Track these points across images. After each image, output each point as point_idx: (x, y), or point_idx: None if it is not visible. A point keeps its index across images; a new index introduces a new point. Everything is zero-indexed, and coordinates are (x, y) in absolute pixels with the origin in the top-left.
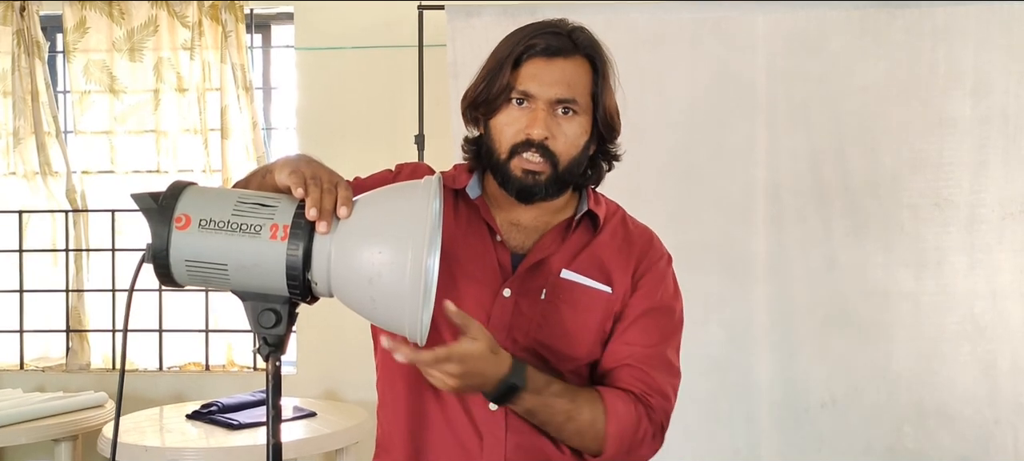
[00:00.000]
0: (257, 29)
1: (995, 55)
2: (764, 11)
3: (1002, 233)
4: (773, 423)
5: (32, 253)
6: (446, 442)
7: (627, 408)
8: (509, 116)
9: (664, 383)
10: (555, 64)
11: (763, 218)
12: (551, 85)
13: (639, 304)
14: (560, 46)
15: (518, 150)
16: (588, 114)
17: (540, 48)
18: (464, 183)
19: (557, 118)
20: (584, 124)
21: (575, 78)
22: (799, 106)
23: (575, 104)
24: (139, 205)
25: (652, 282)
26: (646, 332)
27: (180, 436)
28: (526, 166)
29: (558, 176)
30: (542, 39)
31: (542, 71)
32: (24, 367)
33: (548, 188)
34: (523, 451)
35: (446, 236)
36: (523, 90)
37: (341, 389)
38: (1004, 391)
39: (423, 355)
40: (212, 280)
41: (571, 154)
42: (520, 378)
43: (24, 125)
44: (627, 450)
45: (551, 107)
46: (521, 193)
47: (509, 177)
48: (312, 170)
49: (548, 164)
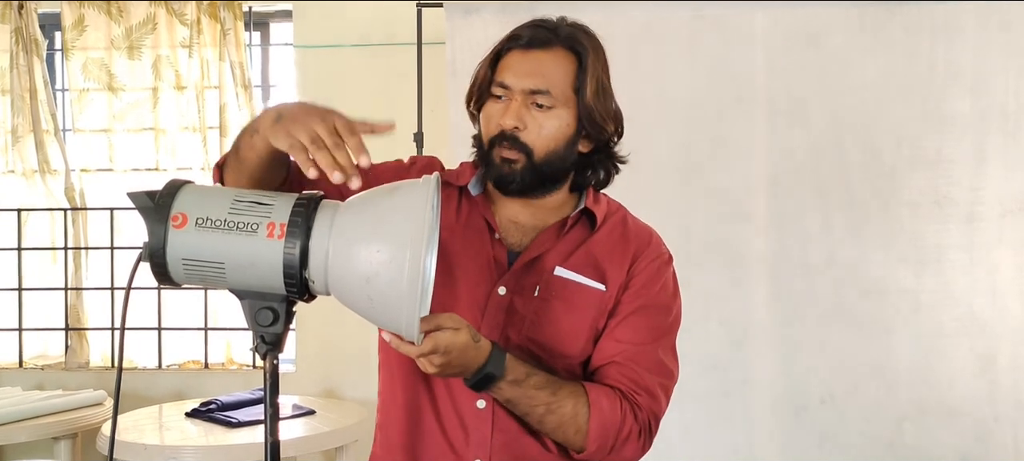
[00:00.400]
0: (256, 27)
1: (994, 52)
2: (763, 8)
3: (1002, 230)
4: (773, 420)
5: (31, 251)
6: (436, 437)
7: (611, 404)
8: (491, 109)
9: (652, 383)
10: (530, 56)
11: (762, 215)
12: (524, 76)
13: (631, 301)
14: (539, 38)
15: (495, 141)
16: (569, 107)
17: (521, 41)
18: (467, 180)
19: (531, 110)
20: (563, 117)
21: (551, 70)
22: (798, 103)
23: (548, 96)
24: (136, 204)
25: (646, 279)
26: (636, 330)
27: (179, 434)
28: (503, 154)
29: (534, 166)
30: (526, 32)
31: (517, 63)
32: (23, 365)
33: (523, 177)
34: (508, 450)
35: (445, 232)
36: (499, 82)
37: (340, 387)
38: (1004, 388)
39: (407, 348)
40: (209, 279)
41: (548, 147)
42: (498, 368)
43: (22, 123)
44: (610, 448)
45: (525, 99)
46: (498, 182)
47: (490, 166)
48: (307, 128)
49: (522, 154)
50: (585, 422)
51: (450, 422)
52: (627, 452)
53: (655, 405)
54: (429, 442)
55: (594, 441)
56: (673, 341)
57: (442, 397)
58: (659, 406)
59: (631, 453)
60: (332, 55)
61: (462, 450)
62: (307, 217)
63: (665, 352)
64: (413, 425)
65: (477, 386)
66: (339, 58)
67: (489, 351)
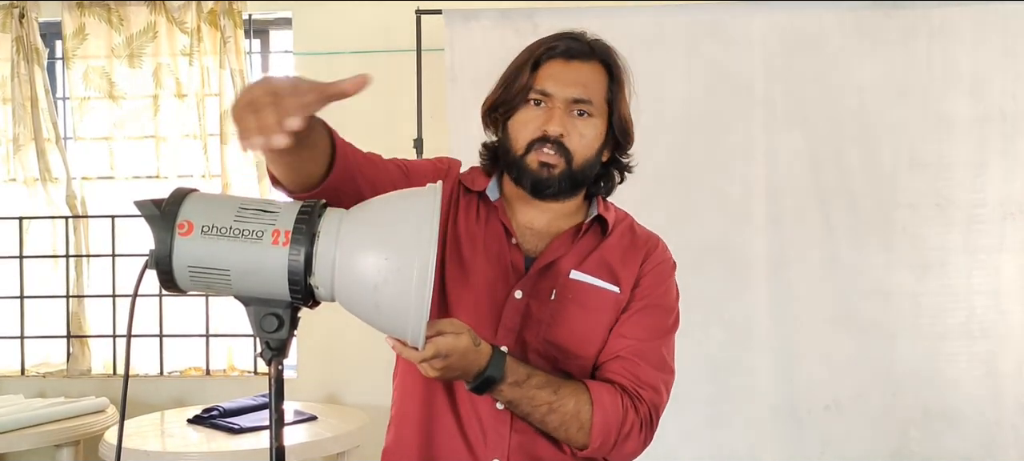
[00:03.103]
0: (255, 34)
1: (992, 55)
2: (760, 12)
3: (1003, 233)
4: (775, 426)
5: (33, 259)
6: (454, 435)
7: (613, 400)
8: (527, 115)
9: (655, 377)
10: (573, 66)
11: (763, 219)
12: (568, 85)
13: (638, 300)
14: (579, 49)
15: (534, 145)
16: (603, 118)
17: (560, 50)
18: (483, 185)
19: (573, 118)
20: (598, 127)
21: (591, 81)
22: (797, 107)
23: (590, 106)
24: (142, 212)
25: (653, 281)
26: (640, 326)
27: (181, 441)
28: (542, 159)
29: (572, 173)
30: (562, 43)
31: (560, 72)
32: (25, 373)
33: (561, 182)
34: (525, 450)
35: (464, 236)
36: (541, 89)
37: (342, 393)
38: (1008, 392)
39: (410, 353)
40: (215, 285)
41: (585, 154)
42: (498, 371)
43: (24, 132)
44: (614, 443)
45: (568, 107)
46: (536, 185)
47: (525, 170)
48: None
49: (562, 159)
50: (588, 419)
51: (470, 422)
52: (629, 446)
53: (657, 398)
54: (446, 441)
55: (597, 437)
56: (673, 342)
57: (462, 398)
58: (660, 399)
59: (633, 447)
60: (332, 62)
61: (480, 450)
62: (311, 224)
63: (667, 350)
64: (430, 424)
65: (478, 389)
66: (339, 65)
67: (489, 354)
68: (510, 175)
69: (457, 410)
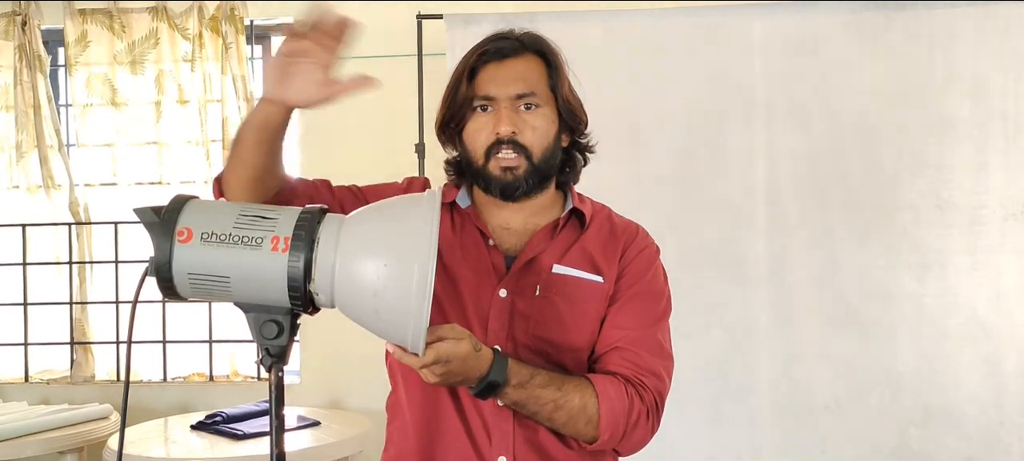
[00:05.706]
0: (257, 40)
1: (992, 56)
2: (761, 15)
3: (1004, 234)
4: (776, 426)
5: (35, 266)
6: (458, 434)
7: (618, 390)
8: (477, 123)
9: (655, 364)
10: (508, 64)
11: (764, 221)
12: (508, 83)
13: (626, 289)
14: (510, 47)
15: (492, 151)
16: (551, 106)
17: (492, 53)
18: (453, 196)
19: (521, 114)
20: (549, 116)
21: (529, 73)
22: (797, 109)
23: (535, 97)
24: (141, 219)
25: (639, 268)
26: (634, 315)
27: (184, 447)
28: (503, 163)
29: (535, 168)
30: (492, 45)
31: (497, 73)
32: (29, 380)
33: (528, 180)
34: (531, 446)
35: (444, 245)
36: (484, 95)
37: (345, 398)
38: (1009, 392)
39: (410, 359)
40: (215, 292)
41: (543, 145)
42: (500, 375)
43: (26, 139)
44: (622, 433)
45: (513, 104)
46: (504, 191)
47: (490, 179)
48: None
49: (522, 158)
50: (595, 412)
51: (473, 419)
52: (638, 435)
53: (660, 385)
54: (451, 442)
55: (606, 429)
56: (668, 325)
57: (466, 400)
58: (663, 385)
59: (642, 435)
60: None
61: (485, 449)
62: (311, 230)
63: (663, 335)
64: (433, 425)
65: (482, 394)
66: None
67: (491, 359)
68: (478, 185)
69: (461, 412)
